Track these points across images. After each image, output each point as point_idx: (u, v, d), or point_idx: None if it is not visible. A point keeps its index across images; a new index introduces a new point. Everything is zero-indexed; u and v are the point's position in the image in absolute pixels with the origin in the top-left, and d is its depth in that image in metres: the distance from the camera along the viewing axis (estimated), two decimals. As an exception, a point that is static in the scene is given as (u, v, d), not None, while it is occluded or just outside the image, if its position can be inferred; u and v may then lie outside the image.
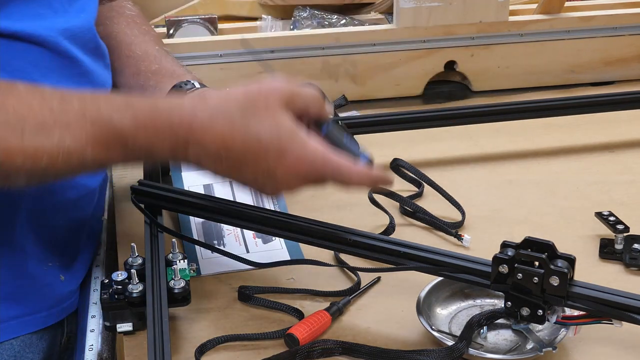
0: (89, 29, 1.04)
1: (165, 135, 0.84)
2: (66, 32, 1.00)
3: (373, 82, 1.52)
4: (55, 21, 0.99)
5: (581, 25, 1.55)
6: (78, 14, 1.03)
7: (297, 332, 0.93)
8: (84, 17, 1.04)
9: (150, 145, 0.84)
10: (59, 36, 0.98)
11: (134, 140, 0.84)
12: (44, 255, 1.03)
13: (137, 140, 0.84)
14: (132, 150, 0.85)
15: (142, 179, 1.11)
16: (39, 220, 1.01)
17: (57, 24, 0.99)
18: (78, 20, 1.02)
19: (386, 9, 1.75)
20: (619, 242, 1.07)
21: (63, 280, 1.05)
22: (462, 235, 1.12)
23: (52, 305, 1.04)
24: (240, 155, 0.84)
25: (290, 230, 0.99)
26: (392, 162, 1.23)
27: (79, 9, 1.03)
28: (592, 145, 1.38)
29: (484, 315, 0.91)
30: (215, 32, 1.58)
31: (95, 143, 0.83)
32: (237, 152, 0.84)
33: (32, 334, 1.03)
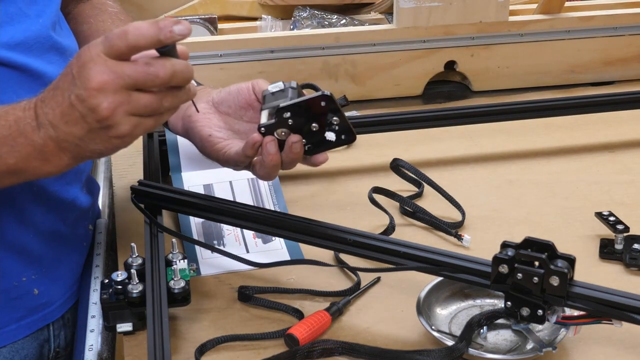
0: (47, 35, 1.00)
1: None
2: (21, 45, 0.97)
3: (373, 82, 1.52)
4: (9, 33, 0.96)
5: (581, 25, 1.55)
6: (37, 19, 0.99)
7: (297, 332, 0.93)
8: (42, 22, 1.00)
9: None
10: (11, 51, 0.95)
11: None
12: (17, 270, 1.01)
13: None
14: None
15: (142, 179, 1.11)
16: (6, 235, 0.99)
17: (11, 36, 0.96)
18: (35, 27, 0.99)
19: (386, 9, 1.75)
20: (619, 242, 1.07)
21: (37, 294, 1.03)
22: (462, 235, 1.12)
23: (22, 317, 1.03)
24: (57, 81, 0.86)
25: (290, 230, 0.99)
26: (392, 162, 1.23)
27: (38, 12, 1.00)
28: (592, 145, 1.38)
29: (484, 315, 0.91)
30: (215, 32, 1.58)
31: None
32: (56, 81, 0.86)
33: (4, 348, 1.02)
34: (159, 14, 1.74)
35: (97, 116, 0.83)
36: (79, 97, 0.83)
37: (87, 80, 0.82)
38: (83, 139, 0.85)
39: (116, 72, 0.82)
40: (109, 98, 0.82)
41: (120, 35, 0.82)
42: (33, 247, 1.02)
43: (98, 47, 0.83)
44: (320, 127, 0.96)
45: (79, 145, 0.86)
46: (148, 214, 1.03)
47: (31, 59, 0.98)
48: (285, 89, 0.97)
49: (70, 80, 0.84)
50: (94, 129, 0.84)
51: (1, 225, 0.98)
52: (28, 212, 1.00)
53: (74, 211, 1.07)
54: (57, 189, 1.03)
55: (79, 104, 0.83)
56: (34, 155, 0.86)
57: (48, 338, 1.07)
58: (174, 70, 0.84)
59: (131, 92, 0.83)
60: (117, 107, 0.83)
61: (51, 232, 1.04)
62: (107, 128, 0.84)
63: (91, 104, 0.83)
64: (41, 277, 1.03)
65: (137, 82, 0.83)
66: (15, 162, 0.86)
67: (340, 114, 0.96)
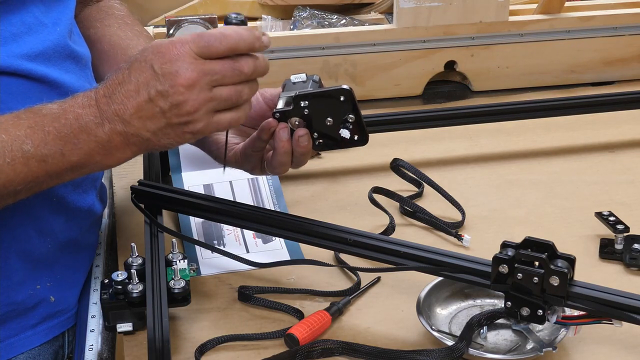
0: (64, 44, 1.01)
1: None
2: (41, 55, 0.97)
3: (373, 82, 1.52)
4: (28, 44, 0.96)
5: (581, 25, 1.55)
6: (54, 27, 1.00)
7: (297, 332, 0.93)
8: (59, 31, 1.00)
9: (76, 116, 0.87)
10: (31, 62, 0.96)
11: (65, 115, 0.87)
12: (32, 279, 1.01)
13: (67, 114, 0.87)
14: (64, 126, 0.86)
15: (142, 179, 1.11)
16: (24, 246, 0.99)
17: (31, 47, 0.96)
18: (53, 36, 0.99)
19: (386, 9, 1.75)
20: (619, 242, 1.07)
21: (53, 301, 1.03)
22: (462, 235, 1.12)
23: (38, 324, 1.03)
24: (127, 76, 0.86)
25: (290, 230, 0.99)
26: (392, 162, 1.23)
27: (55, 20, 1.00)
28: (592, 145, 1.38)
29: (484, 315, 0.91)
30: (216, 32, 1.58)
31: (32, 135, 0.85)
32: (125, 76, 0.87)
33: (21, 355, 1.02)
34: (159, 14, 1.74)
35: (180, 112, 0.85)
36: (162, 93, 0.84)
37: (174, 77, 0.84)
38: (156, 134, 0.87)
39: (204, 70, 0.85)
40: (194, 95, 0.85)
41: (219, 37, 0.85)
42: (48, 255, 1.02)
43: (187, 45, 0.85)
44: (335, 123, 0.96)
45: (150, 139, 0.87)
46: (148, 214, 1.03)
47: (50, 69, 0.98)
48: (307, 80, 0.97)
49: (150, 75, 0.85)
50: (172, 125, 0.86)
51: (20, 236, 0.98)
52: (48, 222, 1.00)
53: (90, 219, 1.08)
54: (75, 198, 1.03)
55: (161, 99, 0.85)
56: (97, 150, 0.87)
57: (62, 344, 1.07)
58: (255, 64, 0.88)
59: (213, 88, 0.86)
60: (202, 104, 0.85)
61: (67, 241, 1.04)
62: (185, 124, 0.86)
63: (177, 100, 0.85)
64: (56, 284, 1.03)
65: (224, 79, 0.86)
66: (78, 159, 0.87)
67: (357, 112, 0.95)
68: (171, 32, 1.58)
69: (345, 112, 0.95)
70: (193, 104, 0.85)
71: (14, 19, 0.96)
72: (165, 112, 0.85)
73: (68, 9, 1.04)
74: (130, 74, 0.86)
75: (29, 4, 0.97)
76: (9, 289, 0.98)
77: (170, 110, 0.85)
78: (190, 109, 0.85)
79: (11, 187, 0.86)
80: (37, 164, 0.86)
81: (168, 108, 0.85)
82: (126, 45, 1.14)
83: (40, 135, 0.86)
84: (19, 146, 0.85)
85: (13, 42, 0.95)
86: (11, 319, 1.00)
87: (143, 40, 1.16)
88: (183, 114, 0.85)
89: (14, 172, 0.85)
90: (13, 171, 0.85)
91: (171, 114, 0.85)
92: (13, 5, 0.95)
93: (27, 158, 0.85)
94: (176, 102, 0.85)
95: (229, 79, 0.86)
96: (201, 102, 0.85)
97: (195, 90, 0.85)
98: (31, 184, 0.87)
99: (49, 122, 0.86)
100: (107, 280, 0.95)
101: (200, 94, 0.85)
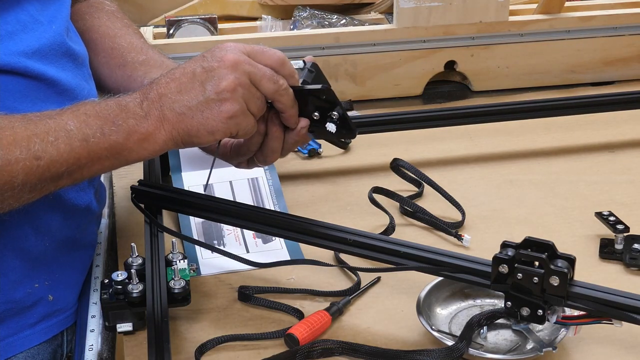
0: (61, 41, 1.01)
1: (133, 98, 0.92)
2: (37, 53, 0.97)
3: (373, 82, 1.52)
4: (24, 41, 0.96)
5: (581, 25, 1.55)
6: (50, 25, 1.00)
7: (297, 332, 0.93)
8: (55, 28, 1.01)
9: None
10: (28, 60, 0.96)
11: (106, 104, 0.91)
12: (30, 277, 1.01)
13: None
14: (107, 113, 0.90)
15: (142, 179, 1.11)
16: (21, 244, 0.99)
17: (27, 44, 0.96)
18: (49, 34, 0.99)
19: (386, 9, 1.75)
20: (619, 242, 1.07)
21: (52, 300, 1.03)
22: (462, 235, 1.12)
23: (36, 323, 1.03)
24: (175, 69, 0.93)
25: (290, 230, 0.99)
26: (392, 162, 1.23)
27: (50, 18, 1.00)
28: (592, 145, 1.38)
29: (484, 315, 0.91)
30: (215, 32, 1.58)
31: (74, 118, 0.89)
32: (173, 70, 0.93)
33: (20, 354, 1.02)
34: (159, 14, 1.74)
35: (219, 85, 0.89)
36: (206, 67, 0.90)
37: (222, 56, 0.91)
38: (191, 108, 0.90)
39: (248, 60, 0.91)
40: (236, 74, 0.90)
41: (270, 50, 0.94)
42: (46, 254, 1.01)
43: (239, 45, 0.92)
44: (321, 117, 0.97)
45: (184, 114, 0.90)
46: (148, 214, 1.03)
47: (47, 67, 0.98)
48: (303, 68, 0.98)
49: (199, 59, 0.92)
50: (208, 100, 0.90)
51: (17, 234, 0.98)
52: (45, 220, 1.00)
53: (87, 217, 1.08)
54: (72, 196, 1.03)
55: (203, 73, 0.90)
56: (134, 129, 0.90)
57: (61, 343, 1.07)
58: (285, 88, 0.93)
59: (251, 84, 0.91)
60: (239, 85, 0.90)
61: (65, 239, 1.04)
62: (221, 101, 0.90)
63: (220, 73, 0.90)
64: (54, 283, 1.03)
65: (262, 79, 0.91)
66: (117, 137, 0.89)
67: (340, 109, 0.96)
68: (171, 32, 1.59)
69: (328, 109, 0.97)
70: (233, 81, 0.89)
71: (9, 17, 0.95)
72: (205, 84, 0.89)
73: (64, 7, 1.04)
74: (177, 68, 0.92)
75: (24, 2, 0.97)
76: (6, 287, 0.98)
77: (210, 82, 0.89)
78: (228, 85, 0.89)
79: (54, 168, 0.87)
80: (79, 144, 0.88)
81: (208, 79, 0.89)
82: (114, 34, 1.14)
83: (82, 117, 0.89)
84: (62, 126, 0.87)
85: (9, 40, 0.95)
86: (9, 318, 1.00)
87: (132, 31, 1.17)
88: (221, 89, 0.89)
89: (57, 152, 0.86)
90: (56, 150, 0.86)
91: (210, 87, 0.89)
92: (8, 3, 0.95)
93: (70, 137, 0.87)
94: (217, 76, 0.89)
95: (265, 82, 0.91)
96: (240, 82, 0.90)
97: (237, 71, 0.89)
98: (73, 166, 0.88)
99: (90, 107, 0.90)
100: (107, 280, 0.95)
101: (242, 77, 0.90)
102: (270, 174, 1.23)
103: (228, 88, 0.89)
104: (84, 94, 1.03)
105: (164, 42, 1.47)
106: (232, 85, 0.89)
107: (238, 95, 0.89)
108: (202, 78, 0.90)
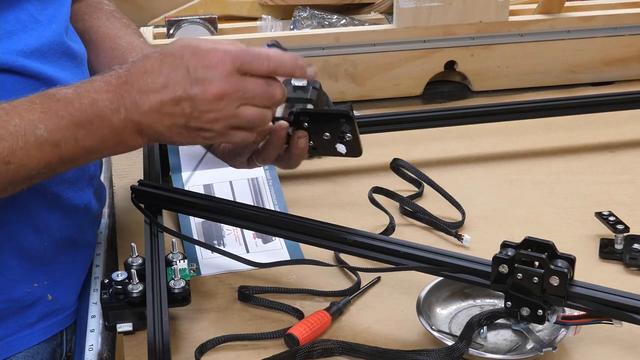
0: (60, 41, 1.01)
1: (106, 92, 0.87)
2: (36, 52, 0.97)
3: (373, 82, 1.52)
4: (23, 41, 0.96)
5: (581, 25, 1.55)
6: (49, 25, 0.99)
7: (297, 332, 0.93)
8: (55, 28, 1.00)
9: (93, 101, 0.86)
10: (26, 59, 0.95)
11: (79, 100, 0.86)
12: (29, 277, 1.01)
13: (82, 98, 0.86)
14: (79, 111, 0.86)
15: (142, 179, 1.11)
16: (20, 243, 0.99)
17: (26, 43, 0.96)
18: (49, 33, 0.99)
19: (386, 9, 1.75)
20: (619, 242, 1.07)
21: (51, 300, 1.03)
22: (462, 235, 1.12)
23: (36, 322, 1.03)
24: (157, 68, 0.86)
25: (290, 230, 0.99)
26: (392, 162, 1.23)
27: (50, 18, 1.00)
28: (592, 145, 1.38)
29: (484, 315, 0.91)
30: (216, 32, 1.58)
31: (45, 119, 0.85)
32: (155, 67, 0.86)
33: (19, 354, 1.02)
34: (159, 14, 1.74)
35: (201, 119, 0.85)
36: (190, 97, 0.84)
37: (207, 85, 0.84)
38: (170, 130, 0.87)
39: (238, 86, 0.84)
40: (220, 107, 0.85)
41: (263, 58, 0.85)
42: (45, 253, 1.01)
43: (229, 55, 0.84)
44: (332, 138, 0.97)
45: (163, 134, 0.88)
46: (148, 214, 1.03)
47: (46, 66, 0.98)
48: (307, 86, 0.95)
49: (183, 75, 0.84)
50: (189, 127, 0.86)
51: (15, 233, 0.98)
52: (43, 220, 1.00)
53: (87, 217, 1.08)
54: (71, 196, 1.03)
55: (187, 102, 0.85)
56: (110, 136, 0.87)
57: (61, 343, 1.07)
58: (287, 92, 0.89)
59: (240, 106, 0.86)
60: (224, 118, 0.85)
61: (64, 239, 1.03)
62: (201, 130, 0.87)
63: (203, 107, 0.85)
64: (54, 282, 1.03)
65: (254, 100, 0.86)
66: (92, 144, 0.87)
67: (354, 132, 0.97)
68: (171, 32, 1.59)
69: (343, 131, 0.97)
70: (217, 114, 0.85)
71: (9, 16, 0.95)
72: (187, 115, 0.86)
73: (64, 6, 1.04)
74: (161, 66, 0.86)
75: (24, 1, 0.97)
76: (5, 287, 0.98)
77: (192, 114, 0.85)
78: (212, 118, 0.86)
79: (24, 171, 0.86)
80: (50, 149, 0.86)
81: (190, 112, 0.85)
82: (114, 34, 1.14)
83: (54, 120, 0.85)
84: (32, 131, 0.84)
85: (8, 39, 0.94)
86: (8, 317, 1.00)
87: (132, 31, 1.17)
88: (204, 121, 0.86)
89: (27, 157, 0.85)
90: (26, 156, 0.85)
91: (192, 118, 0.86)
92: (8, 2, 0.95)
93: (40, 143, 0.85)
94: (201, 109, 0.85)
95: (258, 101, 0.87)
96: (224, 115, 0.86)
97: (223, 102, 0.85)
98: (44, 169, 0.87)
99: (63, 106, 0.86)
100: (107, 280, 0.95)
101: (227, 108, 0.85)
102: (270, 174, 1.23)
103: (211, 121, 0.86)
104: None
105: (164, 42, 1.47)
106: (215, 119, 0.86)
107: (221, 125, 0.87)
108: (185, 107, 0.85)
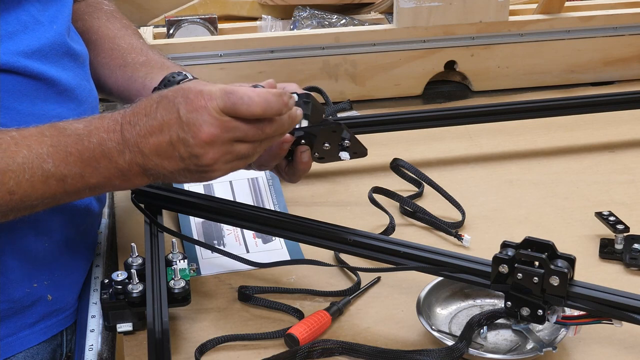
0: (62, 41, 1.01)
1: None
2: (37, 52, 0.97)
3: (373, 82, 1.52)
4: (24, 41, 0.96)
5: (581, 25, 1.55)
6: (50, 25, 1.00)
7: (297, 332, 0.93)
8: (56, 28, 1.00)
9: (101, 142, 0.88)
10: (28, 59, 0.96)
11: (88, 139, 0.87)
12: (29, 277, 1.01)
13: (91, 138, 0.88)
14: (88, 150, 0.87)
15: (142, 179, 1.11)
16: (20, 244, 0.99)
17: (27, 44, 0.96)
18: (50, 34, 0.99)
19: (386, 9, 1.75)
20: (619, 242, 1.07)
21: (51, 300, 1.03)
22: (462, 235, 1.12)
23: (36, 322, 1.03)
24: (154, 111, 0.87)
25: (290, 230, 0.99)
26: (392, 162, 1.23)
27: (51, 19, 1.00)
28: (592, 145, 1.38)
29: (484, 315, 0.91)
30: (215, 32, 1.58)
31: (54, 154, 0.86)
32: (152, 110, 0.87)
33: (19, 354, 1.02)
34: (159, 14, 1.73)
35: (198, 163, 0.87)
36: (184, 141, 0.86)
37: (197, 130, 0.85)
38: (174, 174, 0.89)
39: (227, 127, 0.85)
40: (214, 149, 0.86)
41: (246, 102, 0.85)
42: (46, 254, 1.02)
43: (215, 100, 0.85)
44: (332, 147, 1.01)
45: (167, 176, 0.90)
46: (148, 214, 1.03)
47: (47, 66, 0.98)
48: (298, 101, 0.95)
49: (175, 120, 0.86)
50: (190, 170, 0.88)
51: (16, 234, 0.98)
52: (44, 221, 1.00)
53: (87, 217, 1.08)
54: None
55: (182, 147, 0.86)
56: (116, 176, 0.89)
57: (61, 343, 1.07)
58: (278, 125, 0.88)
59: (234, 143, 0.87)
60: (220, 157, 0.87)
61: (65, 239, 1.04)
62: (203, 172, 0.88)
63: (196, 152, 0.86)
64: (53, 283, 1.03)
65: (245, 137, 0.87)
66: (97, 181, 0.89)
67: (351, 137, 1.00)
68: (171, 32, 1.59)
69: (340, 139, 1.00)
70: (213, 156, 0.86)
71: (10, 17, 0.96)
72: (185, 159, 0.87)
73: (65, 7, 1.04)
74: (157, 110, 0.87)
75: (25, 2, 0.97)
76: (5, 287, 0.98)
77: (189, 159, 0.87)
78: (209, 161, 0.87)
79: (28, 201, 0.87)
80: (56, 183, 0.87)
81: (187, 156, 0.87)
82: (114, 35, 1.14)
83: (62, 155, 0.87)
84: (39, 164, 0.86)
85: (9, 40, 0.95)
86: (9, 317, 1.00)
87: (131, 32, 1.17)
88: (201, 164, 0.87)
89: (32, 189, 0.86)
90: (31, 187, 0.86)
91: (190, 162, 0.87)
92: (9, 3, 0.95)
93: (46, 177, 0.86)
94: (195, 154, 0.86)
95: (250, 138, 0.88)
96: (220, 155, 0.87)
97: (215, 145, 0.86)
98: (48, 200, 0.88)
99: (72, 143, 0.87)
100: (107, 280, 0.95)
101: (220, 149, 0.86)
102: (270, 174, 1.23)
103: (209, 164, 0.87)
104: (84, 94, 1.03)
105: (164, 42, 1.47)
106: (212, 161, 0.87)
107: (220, 164, 0.88)
108: (180, 151, 0.86)
